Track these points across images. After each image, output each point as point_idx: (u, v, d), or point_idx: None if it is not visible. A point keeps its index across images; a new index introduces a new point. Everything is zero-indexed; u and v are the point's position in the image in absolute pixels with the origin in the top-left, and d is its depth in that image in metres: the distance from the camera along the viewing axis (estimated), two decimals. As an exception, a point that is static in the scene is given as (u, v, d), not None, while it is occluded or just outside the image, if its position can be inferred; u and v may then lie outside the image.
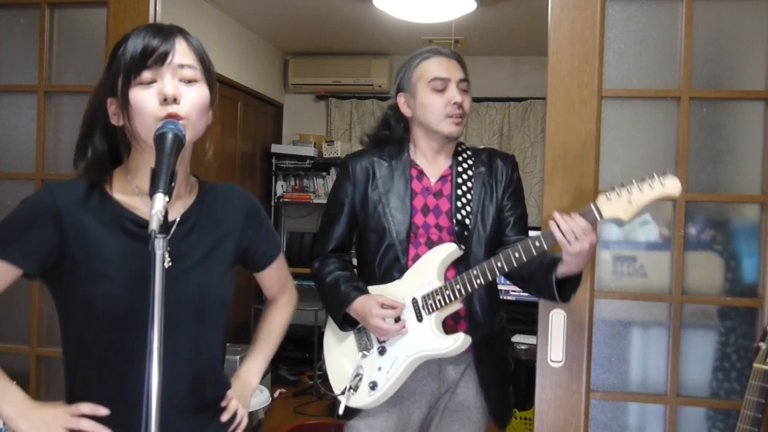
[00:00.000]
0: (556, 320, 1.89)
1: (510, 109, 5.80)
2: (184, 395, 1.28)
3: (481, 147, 2.08)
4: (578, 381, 1.89)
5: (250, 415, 3.47)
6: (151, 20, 2.07)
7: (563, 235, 1.60)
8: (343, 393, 1.90)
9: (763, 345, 1.59)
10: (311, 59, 6.00)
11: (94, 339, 1.23)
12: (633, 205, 1.56)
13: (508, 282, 1.99)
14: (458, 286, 1.79)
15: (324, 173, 5.91)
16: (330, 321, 2.01)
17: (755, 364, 1.60)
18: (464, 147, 2.03)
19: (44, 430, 1.20)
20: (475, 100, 5.69)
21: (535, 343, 1.96)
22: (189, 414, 1.30)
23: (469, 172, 1.97)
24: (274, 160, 5.95)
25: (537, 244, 1.68)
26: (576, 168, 1.89)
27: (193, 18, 4.40)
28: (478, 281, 1.77)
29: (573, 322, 1.88)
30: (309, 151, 5.86)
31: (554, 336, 1.89)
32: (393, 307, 1.84)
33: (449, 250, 1.86)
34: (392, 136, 2.01)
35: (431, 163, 1.98)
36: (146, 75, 1.18)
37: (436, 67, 1.91)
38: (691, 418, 1.92)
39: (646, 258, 1.95)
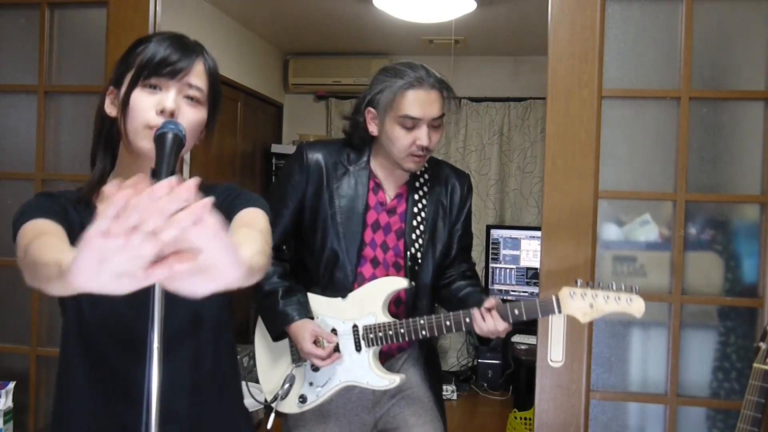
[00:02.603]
0: (556, 320, 1.89)
1: (510, 109, 5.80)
2: (184, 404, 1.23)
3: (439, 159, 2.04)
4: (578, 381, 1.89)
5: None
6: (150, 20, 2.06)
7: (480, 330, 1.73)
8: (273, 401, 1.86)
9: (763, 345, 1.59)
10: (311, 59, 6.00)
11: (78, 345, 1.22)
12: (594, 311, 1.63)
13: (507, 282, 2.02)
14: (402, 331, 1.79)
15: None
16: (260, 325, 1.96)
17: (755, 364, 1.60)
18: None
19: None
20: (475, 100, 5.75)
21: (535, 343, 1.96)
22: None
23: (425, 189, 1.94)
24: (274, 160, 5.94)
25: (468, 320, 1.76)
26: (576, 168, 1.89)
27: (193, 18, 4.40)
28: (423, 333, 1.78)
29: (573, 322, 1.88)
30: (309, 151, 5.85)
31: (554, 336, 1.89)
32: (327, 341, 1.81)
33: (400, 285, 1.83)
34: (355, 140, 1.90)
35: (389, 175, 1.90)
36: (154, 81, 1.17)
37: (411, 103, 1.76)
38: (691, 418, 1.92)
39: (646, 258, 1.95)
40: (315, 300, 1.88)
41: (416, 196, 1.92)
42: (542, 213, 1.93)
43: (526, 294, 5.12)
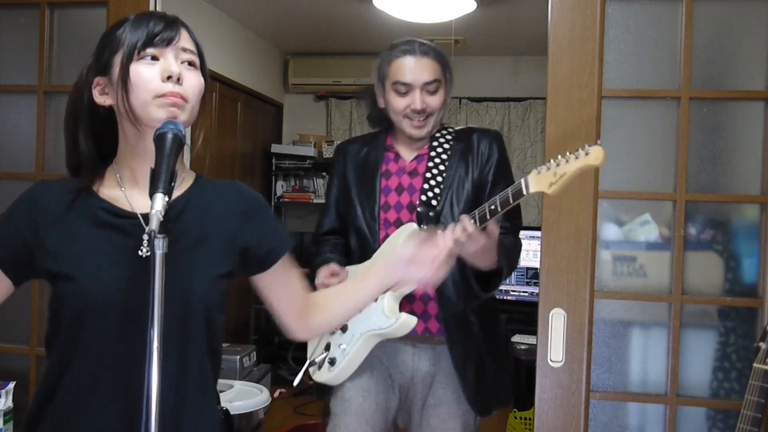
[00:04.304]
0: (556, 320, 1.89)
1: (510, 109, 5.80)
2: (169, 396, 1.19)
3: (471, 127, 2.09)
4: (578, 381, 1.89)
5: (250, 415, 3.46)
6: (151, 20, 2.07)
7: (470, 250, 1.63)
8: (308, 365, 1.98)
9: (763, 345, 1.59)
10: (311, 59, 6.00)
11: (69, 334, 1.19)
12: (558, 177, 1.49)
13: (507, 282, 2.01)
14: None
15: (324, 173, 5.91)
16: None
17: (755, 364, 1.60)
18: (446, 127, 2.04)
19: None
20: (475, 100, 5.75)
21: (535, 343, 1.96)
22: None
23: (446, 147, 1.98)
24: (274, 160, 5.95)
25: (492, 207, 1.64)
26: (576, 168, 1.88)
27: (193, 18, 4.39)
28: None
29: (573, 322, 1.88)
30: (309, 151, 5.86)
31: (554, 336, 1.89)
32: (337, 274, 1.91)
33: (409, 229, 1.88)
34: (372, 120, 2.09)
35: (407, 145, 2.01)
36: (150, 51, 1.18)
37: (401, 69, 1.91)
38: (691, 418, 1.92)
39: (646, 258, 1.95)
40: (351, 270, 1.97)
41: (435, 153, 1.98)
42: (542, 213, 1.93)
43: (527, 294, 5.12)
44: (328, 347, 1.96)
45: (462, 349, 1.92)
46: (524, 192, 1.56)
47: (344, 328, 1.92)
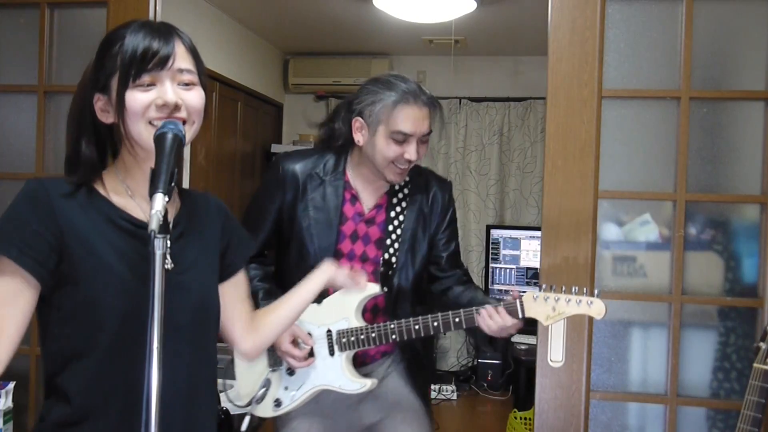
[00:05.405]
0: (556, 320, 1.89)
1: (510, 109, 5.79)
2: (182, 402, 1.21)
3: (423, 167, 2.01)
4: (578, 381, 1.89)
5: (250, 415, 3.45)
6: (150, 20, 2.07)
7: (488, 329, 1.71)
8: (248, 405, 1.87)
9: (763, 345, 1.59)
10: (311, 59, 6.00)
11: (96, 339, 1.15)
12: (556, 314, 1.64)
13: (507, 282, 2.00)
14: (374, 335, 1.79)
15: (324, 173, 5.90)
16: None
17: (755, 364, 1.60)
18: None
19: None
20: (475, 100, 5.76)
21: (535, 343, 1.96)
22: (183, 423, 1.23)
23: (405, 192, 1.94)
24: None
25: (457, 320, 1.73)
26: (576, 168, 1.89)
27: (193, 18, 4.40)
28: (394, 337, 1.77)
29: (573, 322, 1.88)
30: (309, 151, 5.86)
31: (554, 336, 1.89)
32: (305, 343, 1.82)
33: (371, 291, 1.81)
34: (333, 148, 1.91)
35: (367, 185, 1.91)
36: (146, 78, 1.15)
37: (405, 119, 1.77)
38: (691, 418, 1.92)
39: (646, 258, 1.95)
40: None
41: (395, 205, 1.93)
42: (542, 213, 1.93)
43: (526, 294, 5.12)
44: (267, 384, 1.88)
45: (415, 368, 2.00)
46: (519, 316, 1.69)
47: (291, 372, 1.86)
